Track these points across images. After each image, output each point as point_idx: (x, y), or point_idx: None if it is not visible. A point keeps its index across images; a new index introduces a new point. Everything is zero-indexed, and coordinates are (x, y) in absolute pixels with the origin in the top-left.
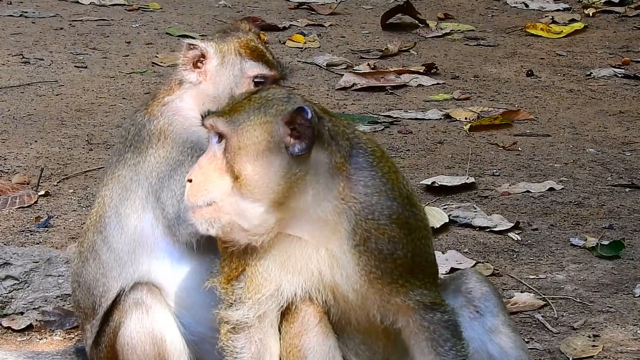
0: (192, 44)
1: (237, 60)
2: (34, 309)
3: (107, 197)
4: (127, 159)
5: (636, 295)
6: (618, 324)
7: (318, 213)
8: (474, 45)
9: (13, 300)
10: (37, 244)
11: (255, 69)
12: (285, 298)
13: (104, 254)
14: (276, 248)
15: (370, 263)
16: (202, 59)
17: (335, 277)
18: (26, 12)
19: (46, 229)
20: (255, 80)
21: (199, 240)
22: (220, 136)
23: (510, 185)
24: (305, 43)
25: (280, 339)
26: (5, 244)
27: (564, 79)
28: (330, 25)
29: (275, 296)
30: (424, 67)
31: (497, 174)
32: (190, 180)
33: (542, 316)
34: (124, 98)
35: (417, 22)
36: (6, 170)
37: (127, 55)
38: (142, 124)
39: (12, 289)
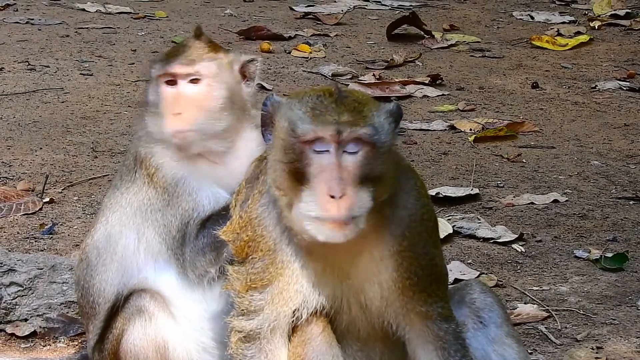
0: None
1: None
2: (38, 315)
3: (104, 205)
4: (123, 174)
5: (639, 308)
6: (621, 336)
7: (387, 211)
8: (480, 56)
9: (17, 306)
10: (42, 250)
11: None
12: (307, 312)
13: (94, 257)
14: (317, 258)
15: (411, 269)
16: None
17: (366, 284)
18: (32, 20)
19: (50, 236)
20: (165, 79)
21: (209, 279)
22: (355, 146)
23: (514, 196)
24: (310, 53)
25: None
26: (9, 251)
27: (569, 92)
28: (336, 35)
29: (300, 310)
30: (429, 78)
31: (501, 185)
32: (340, 196)
33: (545, 328)
34: (129, 106)
35: (422, 33)
36: (11, 177)
37: (133, 63)
38: (135, 145)
39: (16, 295)
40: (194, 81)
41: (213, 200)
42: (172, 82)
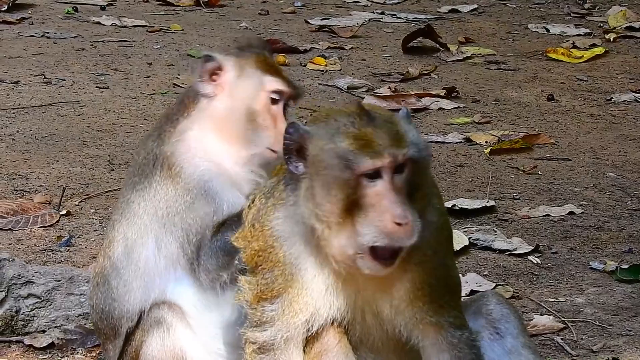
0: (210, 56)
1: (256, 74)
2: (55, 327)
3: (117, 222)
4: (135, 183)
5: None
6: (637, 348)
7: None
8: (495, 69)
9: (35, 318)
10: (59, 263)
11: (275, 84)
12: (319, 323)
13: (112, 279)
14: (330, 272)
15: (426, 280)
16: (218, 71)
17: (376, 294)
18: (48, 33)
19: (68, 248)
20: (272, 96)
21: (222, 283)
22: (401, 166)
23: (530, 208)
24: (326, 66)
25: None
26: (27, 263)
27: (584, 104)
28: (352, 48)
29: (310, 321)
30: (445, 91)
31: (517, 197)
32: (405, 223)
33: (561, 339)
34: (145, 119)
35: (438, 45)
36: (28, 190)
37: (149, 76)
38: (151, 148)
39: (34, 307)
40: None
41: (232, 206)
42: None
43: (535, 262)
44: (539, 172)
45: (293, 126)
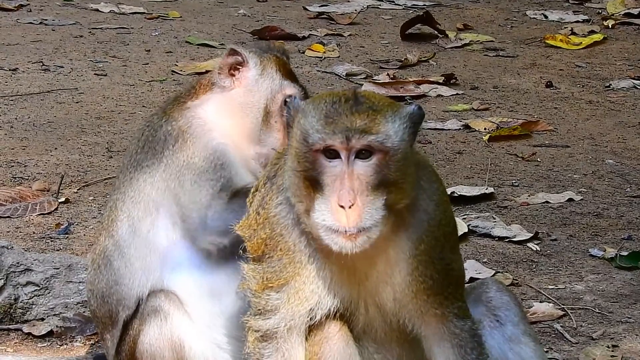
0: (235, 50)
1: (277, 76)
2: (54, 315)
3: (120, 201)
4: (140, 160)
5: None
6: (637, 335)
7: (405, 214)
8: (493, 56)
9: (34, 306)
10: (58, 250)
11: (292, 89)
12: (323, 312)
13: (115, 260)
14: (334, 259)
15: (426, 273)
16: (239, 66)
17: (379, 286)
18: (46, 20)
19: (66, 235)
20: (287, 99)
21: (219, 249)
22: (368, 152)
23: (529, 195)
24: (324, 52)
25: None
26: (26, 250)
27: (583, 90)
28: (350, 35)
29: (314, 310)
30: (443, 78)
31: (516, 184)
32: (350, 206)
33: (561, 326)
34: (143, 106)
35: (436, 32)
36: (26, 177)
37: (147, 64)
38: (159, 125)
39: (32, 295)
40: None
41: (242, 181)
42: None
43: (535, 249)
44: (538, 159)
45: (291, 101)
